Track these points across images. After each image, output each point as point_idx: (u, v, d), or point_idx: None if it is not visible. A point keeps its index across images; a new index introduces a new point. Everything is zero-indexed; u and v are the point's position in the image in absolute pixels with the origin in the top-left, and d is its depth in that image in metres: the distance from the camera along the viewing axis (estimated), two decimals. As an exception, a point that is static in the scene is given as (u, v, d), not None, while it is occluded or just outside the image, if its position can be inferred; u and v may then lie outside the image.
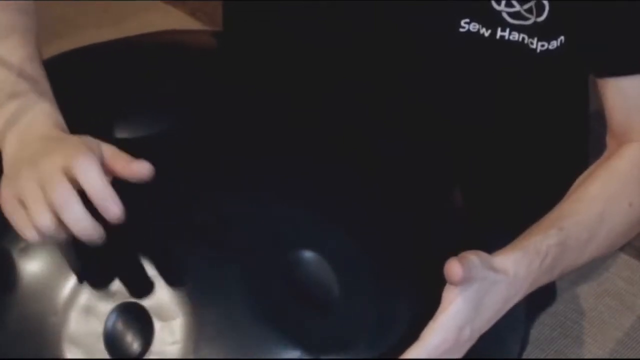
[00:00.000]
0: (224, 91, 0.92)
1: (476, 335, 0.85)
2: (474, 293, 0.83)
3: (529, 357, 1.38)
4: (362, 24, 1.02)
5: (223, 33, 1.14)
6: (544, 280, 0.91)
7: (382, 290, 0.84)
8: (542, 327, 1.43)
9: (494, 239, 0.96)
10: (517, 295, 0.88)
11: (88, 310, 0.79)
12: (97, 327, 0.79)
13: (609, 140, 1.03)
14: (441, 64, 1.01)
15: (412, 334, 0.82)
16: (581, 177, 1.00)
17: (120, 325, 0.79)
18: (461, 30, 0.98)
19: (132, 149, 0.83)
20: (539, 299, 0.94)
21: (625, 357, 1.41)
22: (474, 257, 0.82)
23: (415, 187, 0.92)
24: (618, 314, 1.46)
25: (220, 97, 0.92)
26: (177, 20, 2.09)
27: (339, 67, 0.99)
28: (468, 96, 1.04)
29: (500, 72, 1.00)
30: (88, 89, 0.93)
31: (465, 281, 0.81)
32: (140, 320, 0.79)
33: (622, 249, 1.54)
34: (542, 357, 1.40)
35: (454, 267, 0.80)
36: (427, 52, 1.01)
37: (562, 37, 0.97)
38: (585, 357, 1.41)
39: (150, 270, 0.80)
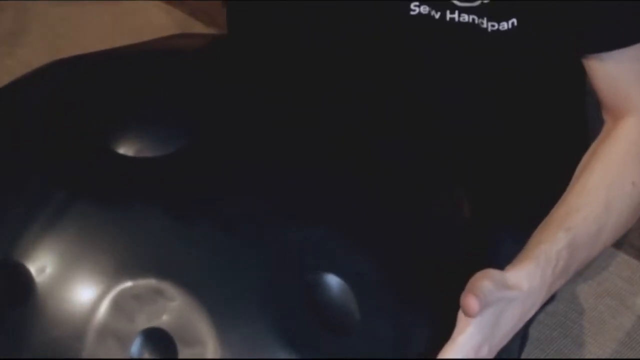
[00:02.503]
0: (225, 96, 0.92)
1: (495, 351, 0.84)
2: (491, 313, 0.83)
3: (529, 357, 1.38)
4: (318, 13, 1.03)
5: (225, 36, 1.15)
6: (559, 284, 0.91)
7: (401, 309, 0.84)
8: (542, 327, 1.42)
9: (504, 240, 0.96)
10: (535, 306, 0.88)
11: (111, 335, 0.78)
12: (120, 353, 0.78)
13: (605, 116, 1.03)
14: (397, 48, 1.02)
15: (432, 355, 0.82)
16: (581, 163, 0.99)
17: (144, 352, 0.78)
18: (412, 13, 0.98)
19: (141, 163, 0.83)
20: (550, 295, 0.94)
21: (625, 357, 1.41)
22: (487, 284, 0.82)
23: (426, 199, 0.92)
24: (618, 314, 1.46)
25: (222, 103, 0.92)
26: (177, 20, 2.09)
27: (308, 64, 1.00)
28: (429, 80, 1.04)
29: (456, 53, 1.00)
30: (94, 95, 0.93)
31: (481, 312, 0.81)
32: (164, 346, 0.78)
33: (622, 249, 1.54)
34: (542, 357, 1.40)
35: (470, 302, 0.80)
36: (383, 38, 1.01)
37: (514, 20, 0.97)
38: (585, 357, 1.41)
39: (173, 295, 0.79)
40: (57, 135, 0.89)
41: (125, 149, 0.86)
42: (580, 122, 1.16)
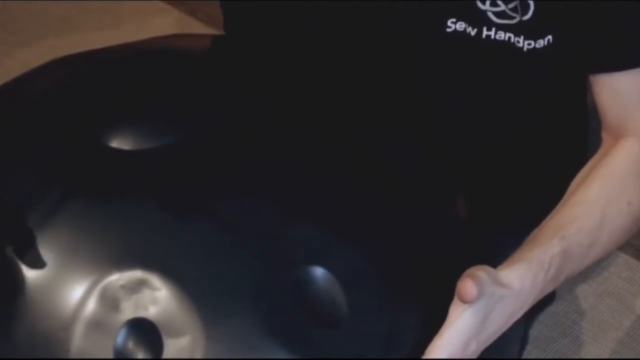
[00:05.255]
0: (221, 94, 0.92)
1: (481, 349, 0.84)
2: (481, 308, 0.83)
3: (529, 357, 1.38)
4: (351, 27, 1.02)
5: (223, 36, 1.15)
6: (549, 289, 0.91)
7: (391, 304, 0.84)
8: (542, 327, 1.42)
9: (499, 242, 0.96)
10: (523, 308, 0.88)
11: (97, 326, 0.79)
12: (106, 344, 0.78)
13: (604, 135, 1.03)
14: (432, 64, 1.01)
15: (421, 349, 0.82)
16: (579, 175, 1.00)
17: (130, 342, 0.78)
18: (448, 30, 0.98)
19: (134, 158, 0.84)
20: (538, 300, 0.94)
21: (625, 357, 1.41)
22: (483, 274, 0.82)
23: (421, 197, 0.92)
24: (618, 314, 1.46)
25: (217, 101, 0.92)
26: (177, 20, 2.09)
27: (333, 72, 0.99)
28: (461, 97, 1.04)
29: (489, 71, 1.00)
30: (90, 93, 0.93)
31: (477, 299, 0.81)
32: (149, 337, 0.78)
33: (622, 249, 1.54)
34: (542, 357, 1.40)
35: (468, 286, 0.80)
36: (418, 54, 1.01)
37: (550, 37, 0.97)
38: (585, 357, 1.41)
39: (159, 286, 0.79)
40: (51, 135, 0.89)
41: (118, 143, 0.86)
42: (581, 130, 1.16)
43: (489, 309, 0.84)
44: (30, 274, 0.81)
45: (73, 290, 0.80)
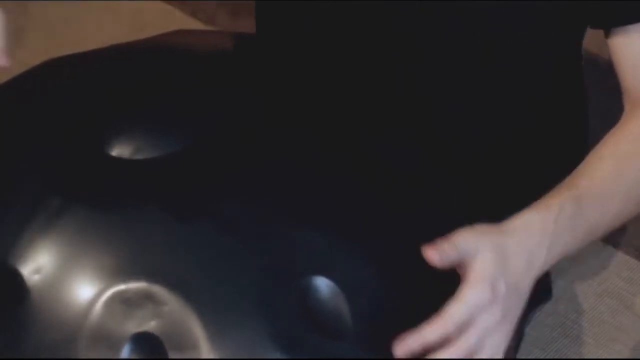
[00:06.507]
0: (225, 97, 0.92)
1: (512, 290, 0.85)
2: (493, 251, 0.84)
3: (529, 357, 1.38)
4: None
5: (223, 34, 1.15)
6: (568, 239, 0.91)
7: (391, 305, 0.84)
8: (542, 327, 1.42)
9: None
10: (540, 248, 0.89)
11: (102, 339, 0.78)
12: (112, 357, 0.78)
13: (625, 103, 1.02)
14: (425, 31, 1.01)
15: None
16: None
17: (135, 356, 0.78)
18: None
19: (133, 161, 0.83)
20: (534, 295, 0.94)
21: (625, 357, 1.40)
22: (458, 239, 0.84)
23: (421, 197, 0.92)
24: (618, 314, 1.46)
25: (221, 104, 0.92)
26: (177, 20, 2.09)
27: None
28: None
29: (481, 31, 1.00)
30: (90, 95, 0.93)
31: (447, 260, 0.82)
32: (154, 350, 0.78)
33: (622, 249, 1.54)
34: (542, 357, 1.39)
35: (430, 255, 0.82)
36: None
37: None
38: (585, 357, 1.40)
39: (163, 299, 0.79)
40: (52, 137, 0.89)
41: (119, 151, 0.86)
42: (581, 130, 1.16)
43: (501, 251, 0.85)
44: (33, 284, 0.81)
45: (78, 302, 0.80)
